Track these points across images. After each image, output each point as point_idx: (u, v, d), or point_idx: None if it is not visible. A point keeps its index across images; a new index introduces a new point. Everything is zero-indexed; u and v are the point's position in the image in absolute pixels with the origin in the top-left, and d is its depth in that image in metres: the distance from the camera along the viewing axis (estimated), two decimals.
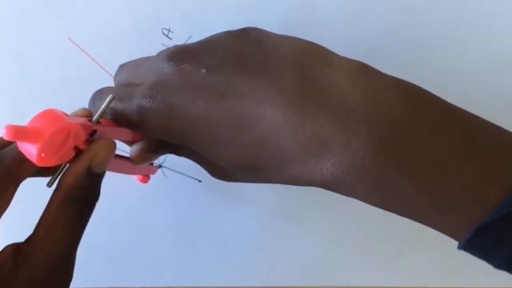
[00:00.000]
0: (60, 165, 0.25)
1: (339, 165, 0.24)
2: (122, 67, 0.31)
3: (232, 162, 0.27)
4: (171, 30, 0.31)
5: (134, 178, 0.34)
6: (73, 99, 0.28)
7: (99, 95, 0.30)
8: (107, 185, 0.27)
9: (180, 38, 0.32)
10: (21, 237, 0.25)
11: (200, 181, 0.36)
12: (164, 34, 0.32)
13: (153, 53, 0.30)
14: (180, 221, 0.36)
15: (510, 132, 0.25)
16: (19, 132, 0.22)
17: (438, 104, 0.26)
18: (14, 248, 0.25)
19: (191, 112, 0.26)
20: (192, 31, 0.31)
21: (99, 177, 0.26)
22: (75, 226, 0.26)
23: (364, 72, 0.26)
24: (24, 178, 0.27)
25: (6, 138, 0.22)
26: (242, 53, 0.27)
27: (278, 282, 0.36)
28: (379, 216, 0.27)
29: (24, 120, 0.23)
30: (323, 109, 0.25)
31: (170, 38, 0.32)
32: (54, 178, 0.25)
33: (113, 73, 0.31)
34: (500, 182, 0.23)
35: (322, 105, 0.25)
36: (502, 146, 0.25)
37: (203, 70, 0.27)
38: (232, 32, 0.29)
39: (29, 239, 0.25)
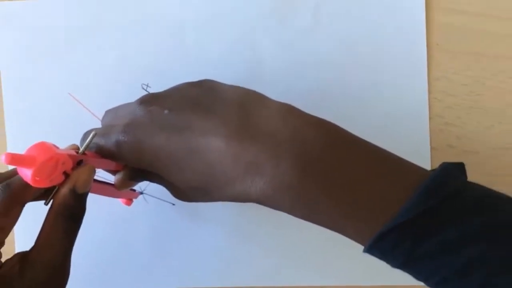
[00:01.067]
0: (54, 187, 0.31)
1: (270, 185, 0.31)
2: (107, 112, 0.38)
3: (187, 184, 0.33)
4: (149, 85, 0.38)
5: (121, 202, 0.40)
6: (69, 138, 0.35)
7: (87, 134, 0.36)
8: (101, 206, 0.39)
9: (154, 89, 0.40)
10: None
11: (173, 204, 0.42)
12: (143, 88, 0.39)
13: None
14: (157, 235, 0.43)
15: (397, 156, 0.32)
16: (15, 158, 0.29)
17: (349, 138, 0.32)
18: (21, 255, 0.32)
19: (155, 144, 0.33)
20: (164, 86, 0.38)
21: (83, 196, 0.33)
22: (65, 238, 0.32)
23: (292, 112, 0.33)
24: (28, 201, 0.33)
25: (4, 163, 0.28)
26: (196, 98, 0.34)
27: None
28: None
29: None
30: (258, 141, 0.31)
31: (148, 91, 0.39)
32: (49, 198, 0.32)
33: (100, 117, 0.38)
34: (393, 198, 0.30)
35: (258, 137, 0.31)
36: (393, 170, 0.31)
37: (166, 111, 0.33)
38: (191, 83, 0.36)
39: (32, 248, 0.32)
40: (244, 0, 0.42)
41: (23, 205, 0.34)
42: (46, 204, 0.32)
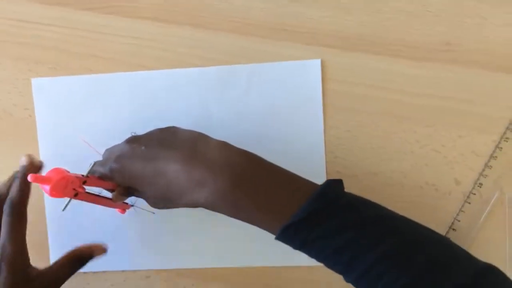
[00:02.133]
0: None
1: (211, 194, 0.43)
2: (105, 151, 0.51)
3: (155, 196, 0.46)
4: (135, 132, 0.51)
5: (117, 212, 0.55)
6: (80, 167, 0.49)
7: (106, 151, 0.50)
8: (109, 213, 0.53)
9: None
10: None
11: (154, 213, 0.55)
12: (132, 135, 0.51)
13: None
14: (143, 234, 0.58)
15: (298, 176, 0.45)
16: (38, 178, 0.42)
17: (264, 162, 0.45)
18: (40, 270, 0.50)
19: (134, 169, 0.46)
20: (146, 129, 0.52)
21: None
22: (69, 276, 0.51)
23: (226, 146, 0.45)
24: None
25: (30, 180, 0.41)
26: (163, 138, 0.47)
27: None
28: None
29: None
30: (203, 165, 0.43)
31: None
32: (64, 206, 0.45)
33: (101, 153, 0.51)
34: (294, 202, 0.42)
35: (203, 162, 0.43)
36: (295, 184, 0.44)
37: (143, 147, 0.47)
38: (161, 128, 0.49)
39: (47, 269, 0.50)
40: (198, 74, 0.56)
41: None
42: (62, 210, 0.44)
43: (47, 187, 0.42)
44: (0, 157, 0.59)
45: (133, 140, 0.48)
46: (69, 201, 0.45)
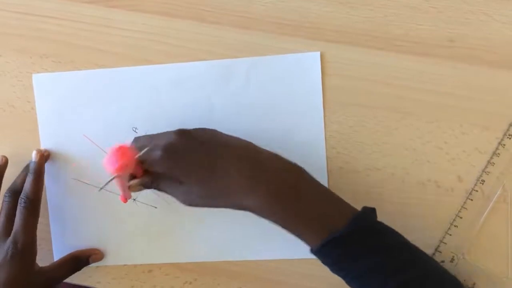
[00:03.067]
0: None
1: (257, 201, 0.45)
2: (137, 138, 0.50)
3: (202, 191, 0.47)
4: (137, 128, 0.54)
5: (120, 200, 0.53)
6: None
7: (137, 140, 0.50)
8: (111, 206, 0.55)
9: (141, 130, 0.56)
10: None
11: (156, 207, 0.56)
12: (133, 130, 0.55)
13: (131, 139, 0.51)
14: (145, 228, 0.58)
15: (336, 195, 0.48)
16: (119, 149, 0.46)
17: (312, 178, 0.48)
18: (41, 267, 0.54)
19: (191, 161, 0.46)
20: (146, 128, 0.55)
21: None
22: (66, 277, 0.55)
23: (280, 157, 0.48)
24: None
25: (114, 150, 0.46)
26: (216, 138, 0.48)
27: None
28: None
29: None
30: (258, 172, 0.46)
31: (137, 132, 0.55)
32: (104, 185, 0.47)
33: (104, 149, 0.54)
34: (332, 222, 0.45)
35: (258, 170, 0.46)
36: (335, 204, 0.47)
37: (198, 142, 0.47)
38: (205, 128, 0.50)
39: (47, 267, 0.55)
40: (200, 68, 0.56)
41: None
42: (99, 190, 0.48)
43: (117, 163, 0.45)
44: (3, 148, 0.59)
45: (184, 134, 0.48)
46: (111, 179, 0.47)
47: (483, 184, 0.54)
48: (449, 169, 0.54)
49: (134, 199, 0.56)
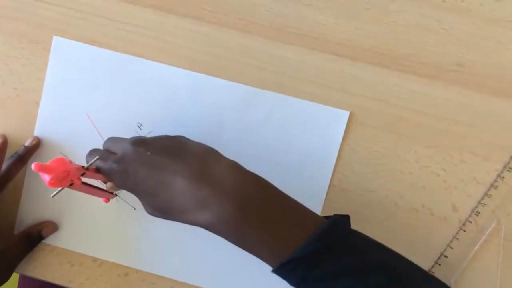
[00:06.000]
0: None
1: (214, 217, 0.40)
2: (108, 139, 0.49)
3: (154, 206, 0.44)
4: (142, 124, 0.51)
5: (102, 201, 0.52)
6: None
7: (91, 152, 0.48)
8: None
9: (145, 128, 0.54)
10: None
11: (134, 208, 0.54)
12: (138, 126, 0.53)
13: (132, 134, 0.50)
14: (121, 222, 0.55)
15: (304, 207, 0.43)
16: (42, 167, 0.40)
17: (274, 192, 0.43)
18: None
19: (137, 175, 0.43)
20: (150, 128, 0.53)
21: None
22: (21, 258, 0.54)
23: (237, 169, 0.43)
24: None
25: (34, 169, 0.40)
26: (172, 148, 0.44)
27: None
28: None
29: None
30: (210, 185, 0.41)
31: (140, 129, 0.53)
32: (56, 193, 0.43)
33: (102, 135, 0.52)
34: (295, 237, 0.40)
35: (210, 183, 0.41)
36: (299, 217, 0.42)
37: (149, 153, 0.44)
38: (169, 136, 0.47)
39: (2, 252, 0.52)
40: (224, 86, 0.53)
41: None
42: (52, 197, 0.43)
43: (47, 178, 0.41)
44: None
45: (139, 143, 0.45)
46: (61, 189, 0.43)
47: (478, 215, 0.52)
48: (445, 197, 0.52)
49: (117, 194, 0.54)
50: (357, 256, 0.41)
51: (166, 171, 0.42)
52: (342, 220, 0.43)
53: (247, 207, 0.41)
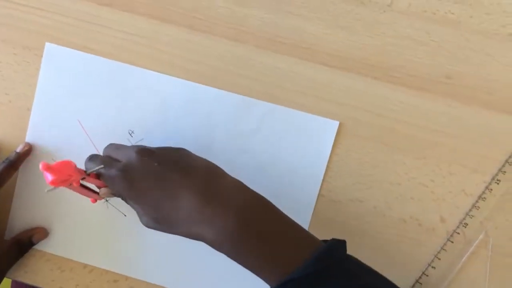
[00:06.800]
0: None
1: (219, 234, 0.41)
2: (109, 145, 0.49)
3: (154, 217, 0.44)
4: (133, 132, 0.51)
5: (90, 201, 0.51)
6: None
7: (92, 157, 0.48)
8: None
9: (136, 136, 0.54)
10: None
11: (125, 215, 0.54)
12: (129, 133, 0.53)
13: (123, 141, 0.50)
14: (112, 229, 0.55)
15: (303, 229, 0.44)
16: (49, 168, 0.41)
17: (275, 212, 0.44)
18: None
19: (141, 185, 0.43)
20: (142, 135, 0.53)
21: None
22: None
23: (242, 187, 0.44)
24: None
25: (42, 169, 0.41)
26: (178, 161, 0.45)
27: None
28: None
29: None
30: (215, 202, 0.42)
31: (132, 136, 0.53)
32: (51, 189, 0.43)
33: (100, 148, 0.51)
34: (295, 258, 0.41)
35: (216, 200, 0.42)
36: (298, 239, 0.43)
37: (155, 164, 0.44)
38: (172, 148, 0.47)
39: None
40: (217, 96, 0.53)
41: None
42: (46, 192, 0.44)
43: (50, 178, 0.42)
44: None
45: (145, 153, 0.45)
46: (52, 189, 0.44)
47: (465, 227, 0.52)
48: (433, 208, 0.53)
49: (107, 200, 0.54)
50: (352, 281, 0.41)
51: (173, 184, 0.43)
52: (339, 245, 0.43)
53: (250, 226, 0.42)
